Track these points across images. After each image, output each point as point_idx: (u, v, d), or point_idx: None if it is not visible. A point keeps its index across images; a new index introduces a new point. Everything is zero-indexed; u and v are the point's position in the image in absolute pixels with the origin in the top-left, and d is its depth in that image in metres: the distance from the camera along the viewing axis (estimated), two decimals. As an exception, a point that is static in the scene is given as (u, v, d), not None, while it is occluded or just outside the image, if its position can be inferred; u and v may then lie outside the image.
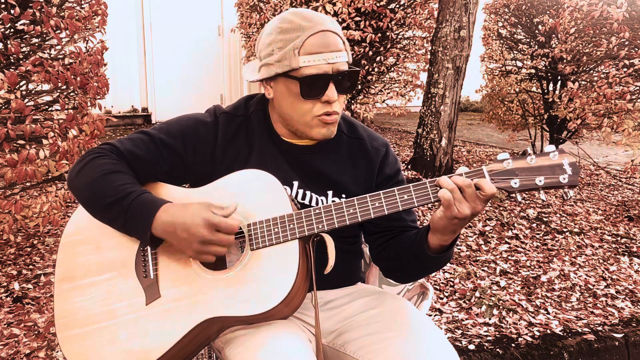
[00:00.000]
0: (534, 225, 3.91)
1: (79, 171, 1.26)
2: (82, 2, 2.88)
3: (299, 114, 1.28)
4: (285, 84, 1.26)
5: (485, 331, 2.52)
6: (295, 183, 1.34)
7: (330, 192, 1.36)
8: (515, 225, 3.85)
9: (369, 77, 5.41)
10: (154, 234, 1.18)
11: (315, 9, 4.64)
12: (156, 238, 1.19)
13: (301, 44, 1.22)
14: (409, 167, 4.74)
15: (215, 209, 1.18)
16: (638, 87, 4.35)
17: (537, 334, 2.52)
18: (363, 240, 1.56)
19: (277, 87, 1.29)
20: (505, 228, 3.79)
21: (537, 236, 3.73)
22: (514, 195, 1.15)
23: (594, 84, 4.60)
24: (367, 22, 4.82)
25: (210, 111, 1.38)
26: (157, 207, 1.18)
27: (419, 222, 1.44)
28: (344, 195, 1.36)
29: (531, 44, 6.08)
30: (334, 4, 4.64)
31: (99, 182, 1.22)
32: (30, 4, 2.55)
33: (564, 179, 1.10)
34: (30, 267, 2.83)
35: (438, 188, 1.14)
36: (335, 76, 1.24)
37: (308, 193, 1.34)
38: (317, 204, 1.34)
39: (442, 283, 2.97)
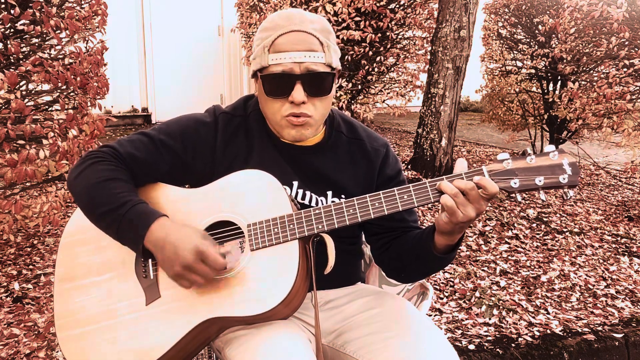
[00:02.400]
0: (534, 225, 3.91)
1: (77, 175, 1.25)
2: (82, 2, 2.88)
3: (270, 112, 1.28)
4: (259, 82, 1.28)
5: (485, 331, 2.52)
6: (295, 183, 1.34)
7: (329, 193, 1.36)
8: (515, 225, 3.85)
9: (369, 77, 5.41)
10: (145, 247, 1.17)
11: (315, 9, 4.64)
12: (147, 250, 1.18)
13: (271, 42, 1.23)
14: (409, 167, 4.74)
15: (209, 241, 1.17)
16: (638, 87, 4.35)
17: (537, 334, 2.52)
18: (363, 240, 1.56)
19: (257, 85, 1.31)
20: (505, 228, 3.79)
21: (537, 236, 3.73)
22: (513, 195, 1.15)
23: (594, 84, 4.60)
24: (367, 22, 4.81)
25: (210, 111, 1.38)
26: (152, 219, 1.17)
27: (419, 222, 1.44)
28: (343, 196, 1.36)
29: (531, 44, 6.08)
30: (334, 4, 4.64)
31: (96, 189, 1.21)
32: (30, 4, 2.55)
33: (564, 179, 1.10)
34: (30, 267, 2.83)
35: (438, 191, 1.13)
36: (302, 76, 1.22)
37: (308, 193, 1.34)
38: (316, 204, 1.34)
39: (442, 283, 2.97)
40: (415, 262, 1.30)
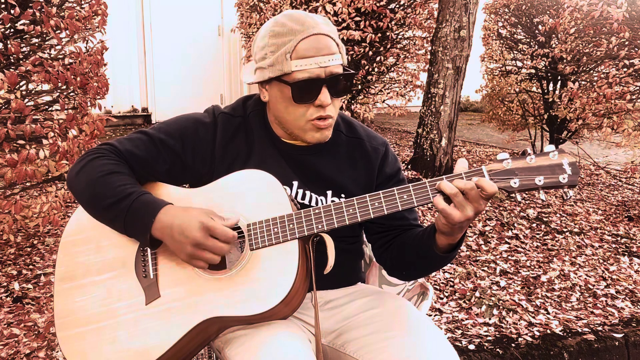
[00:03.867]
0: (534, 225, 3.91)
1: (78, 172, 1.26)
2: (82, 2, 2.89)
3: (293, 118, 1.28)
4: (278, 88, 1.26)
5: (485, 331, 2.52)
6: (295, 183, 1.34)
7: (329, 192, 1.36)
8: (515, 225, 3.85)
9: (369, 77, 5.41)
10: (153, 235, 1.18)
11: (315, 9, 4.64)
12: (155, 239, 1.19)
13: (293, 48, 1.21)
14: (409, 167, 4.73)
15: (216, 217, 1.18)
16: (638, 87, 4.35)
17: (537, 334, 2.52)
18: (364, 240, 1.55)
19: (271, 91, 1.29)
20: (505, 228, 3.79)
21: (537, 236, 3.73)
22: (513, 195, 1.15)
23: (594, 84, 4.60)
24: (367, 22, 4.81)
25: (209, 111, 1.38)
26: (158, 208, 1.18)
27: (419, 221, 1.44)
28: (343, 195, 1.36)
29: (531, 44, 6.08)
30: (334, 4, 4.64)
31: (99, 183, 1.22)
32: (30, 4, 2.55)
33: (564, 178, 1.10)
34: (30, 267, 2.83)
35: (438, 191, 1.13)
36: (328, 80, 1.23)
37: (308, 193, 1.34)
38: (316, 204, 1.34)
39: (442, 283, 2.97)
40: (417, 261, 1.30)
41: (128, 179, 1.24)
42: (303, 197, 1.34)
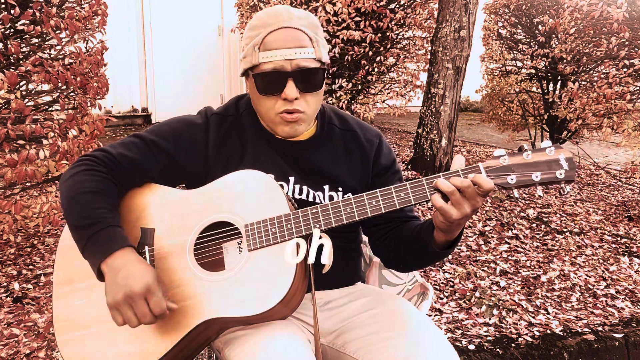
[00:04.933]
0: (534, 225, 3.91)
1: (66, 180, 1.24)
2: (82, 2, 2.89)
3: (264, 110, 1.29)
4: (251, 80, 1.28)
5: (485, 331, 2.52)
6: (292, 179, 1.34)
7: (326, 187, 1.36)
8: (515, 225, 3.85)
9: (369, 77, 5.41)
10: (101, 268, 1.14)
11: (315, 9, 4.65)
12: (102, 273, 1.15)
13: (261, 40, 1.23)
14: (409, 167, 4.73)
15: (160, 290, 1.13)
16: (638, 87, 4.35)
17: (537, 334, 2.52)
18: (362, 239, 1.56)
19: (249, 83, 1.32)
20: (505, 228, 3.78)
21: (537, 236, 3.73)
22: (511, 191, 1.14)
23: (594, 84, 4.61)
24: (367, 22, 4.82)
25: (202, 113, 1.38)
26: (117, 246, 1.13)
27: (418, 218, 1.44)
28: (340, 189, 1.36)
29: (531, 44, 6.08)
30: (334, 4, 4.64)
31: (75, 201, 1.19)
32: (30, 4, 2.55)
33: (561, 174, 1.10)
34: (30, 267, 2.83)
35: (435, 189, 1.13)
36: (294, 73, 1.23)
37: (305, 188, 1.34)
38: (314, 199, 1.35)
39: (442, 283, 2.97)
40: (414, 255, 1.31)
41: (104, 201, 1.20)
42: (300, 193, 1.34)
